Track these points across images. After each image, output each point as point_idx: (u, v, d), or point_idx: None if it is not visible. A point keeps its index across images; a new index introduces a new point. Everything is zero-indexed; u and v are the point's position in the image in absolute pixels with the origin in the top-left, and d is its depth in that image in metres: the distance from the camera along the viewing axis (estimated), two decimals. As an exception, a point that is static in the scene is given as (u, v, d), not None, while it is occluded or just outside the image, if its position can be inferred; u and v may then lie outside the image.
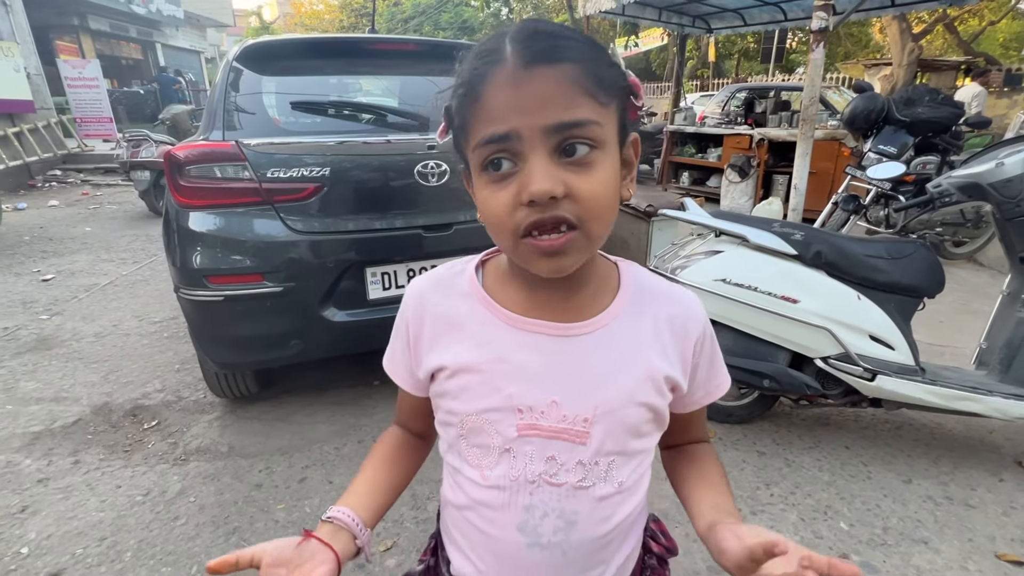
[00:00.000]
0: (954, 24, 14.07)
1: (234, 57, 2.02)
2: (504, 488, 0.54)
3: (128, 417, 2.28)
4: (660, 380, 0.55)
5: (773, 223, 1.99)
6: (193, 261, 1.79)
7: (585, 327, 0.54)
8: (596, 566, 0.56)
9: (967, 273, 4.17)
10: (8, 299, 3.62)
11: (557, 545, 0.54)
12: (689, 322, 0.57)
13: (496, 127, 0.45)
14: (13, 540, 1.63)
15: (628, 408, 0.54)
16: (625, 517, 0.57)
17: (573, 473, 0.53)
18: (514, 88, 0.44)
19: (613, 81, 0.47)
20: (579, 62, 0.45)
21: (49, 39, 12.74)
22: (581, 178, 0.45)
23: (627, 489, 0.56)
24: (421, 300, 0.58)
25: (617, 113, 0.49)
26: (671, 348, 0.56)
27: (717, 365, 0.62)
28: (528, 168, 0.45)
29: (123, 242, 5.09)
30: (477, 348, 0.54)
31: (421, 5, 25.66)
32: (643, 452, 0.57)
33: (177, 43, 18.59)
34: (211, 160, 1.76)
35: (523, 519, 0.54)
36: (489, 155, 0.46)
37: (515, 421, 0.53)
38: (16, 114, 8.18)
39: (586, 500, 0.54)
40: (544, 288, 0.53)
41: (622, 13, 6.88)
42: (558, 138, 0.45)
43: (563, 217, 0.45)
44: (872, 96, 3.69)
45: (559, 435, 0.53)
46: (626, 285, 0.57)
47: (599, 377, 0.53)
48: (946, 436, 2.15)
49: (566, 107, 0.44)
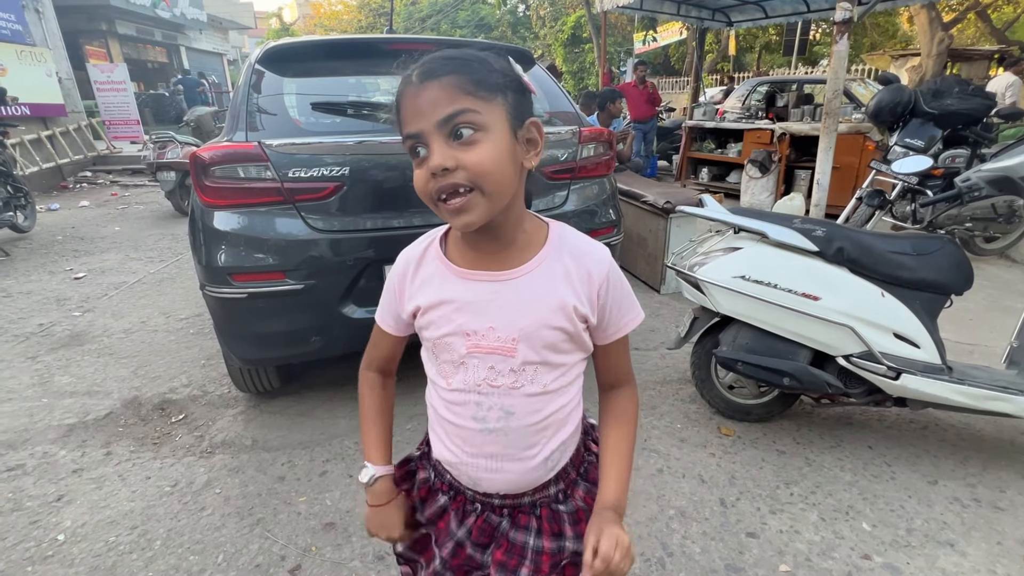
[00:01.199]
0: (987, 12, 13.58)
1: (256, 59, 2.06)
2: (461, 390, 0.74)
3: (157, 411, 2.35)
4: (570, 311, 0.72)
5: (793, 219, 1.96)
6: (218, 259, 1.83)
7: (514, 273, 0.71)
8: (532, 447, 0.75)
9: (998, 270, 4.04)
10: (43, 296, 3.75)
11: (500, 430, 0.74)
12: (593, 269, 0.73)
13: (409, 127, 0.63)
14: (50, 527, 1.70)
15: (544, 330, 0.71)
16: (553, 412, 0.75)
17: (507, 378, 0.72)
18: (414, 98, 0.62)
19: (493, 82, 0.63)
20: (457, 73, 0.61)
21: (79, 44, 13.12)
22: (467, 153, 0.61)
23: (552, 391, 0.74)
24: (405, 266, 0.78)
25: (506, 105, 0.64)
26: (580, 288, 0.73)
27: (625, 306, 0.77)
28: (430, 151, 0.62)
29: (150, 241, 5.24)
30: (438, 293, 0.74)
31: (438, 4, 25.74)
32: (564, 365, 0.75)
33: (200, 46, 18.98)
34: (235, 161, 1.80)
35: (475, 411, 0.74)
36: (411, 146, 0.64)
37: (465, 343, 0.72)
38: (48, 118, 8.45)
39: (519, 397, 0.73)
40: (483, 247, 0.72)
41: (640, 7, 6.82)
42: (448, 127, 0.61)
43: (456, 183, 0.62)
44: (898, 88, 3.60)
45: (495, 351, 0.72)
46: (551, 240, 0.74)
47: (523, 308, 0.71)
48: (974, 437, 2.10)
49: (448, 104, 0.61)
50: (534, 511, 0.80)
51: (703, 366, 2.21)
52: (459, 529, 0.80)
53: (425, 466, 0.86)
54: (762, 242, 1.96)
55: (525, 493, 0.79)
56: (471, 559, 0.80)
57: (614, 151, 2.42)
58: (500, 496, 0.79)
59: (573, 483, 0.82)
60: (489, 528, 0.80)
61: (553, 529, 0.79)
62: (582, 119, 2.35)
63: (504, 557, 0.78)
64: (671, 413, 2.27)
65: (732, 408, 2.19)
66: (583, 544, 0.71)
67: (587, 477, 0.84)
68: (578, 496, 0.82)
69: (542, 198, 2.19)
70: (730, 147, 6.75)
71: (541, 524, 0.79)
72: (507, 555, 0.78)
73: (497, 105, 0.63)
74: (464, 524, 0.80)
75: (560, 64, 19.73)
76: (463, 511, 0.81)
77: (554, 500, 0.80)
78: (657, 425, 2.19)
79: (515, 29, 23.83)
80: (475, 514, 0.80)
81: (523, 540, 0.79)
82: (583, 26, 15.44)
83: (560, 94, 2.42)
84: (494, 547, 0.80)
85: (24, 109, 7.80)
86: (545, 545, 0.79)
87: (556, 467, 0.79)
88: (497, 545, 0.79)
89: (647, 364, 2.70)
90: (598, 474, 0.80)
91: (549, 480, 0.79)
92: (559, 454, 0.78)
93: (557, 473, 0.79)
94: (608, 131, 2.42)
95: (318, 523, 1.70)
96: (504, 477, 0.76)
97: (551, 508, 0.80)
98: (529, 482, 0.78)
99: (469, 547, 0.80)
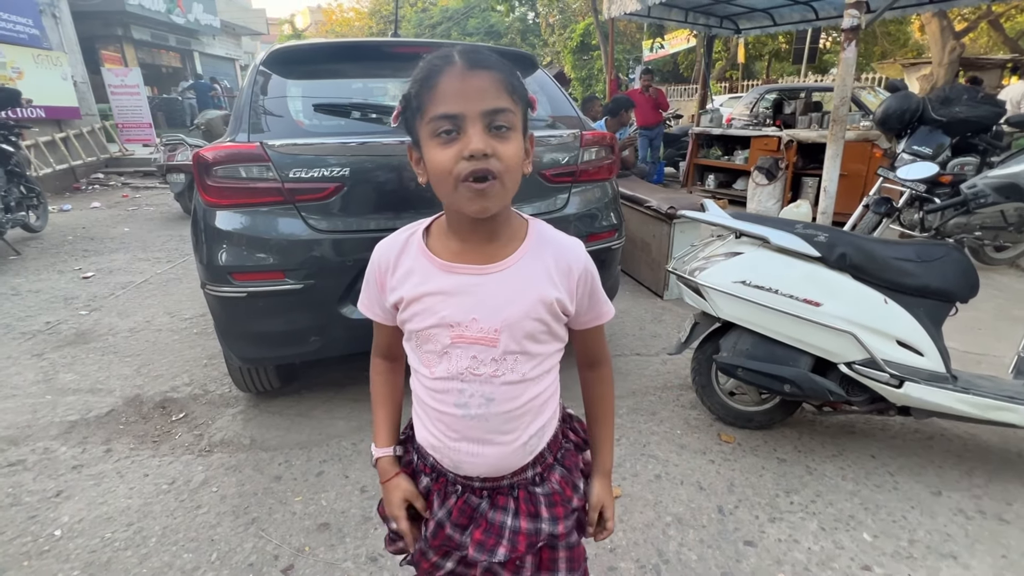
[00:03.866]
0: (999, 20, 13.48)
1: (261, 62, 2.09)
2: (444, 379, 0.77)
3: (158, 409, 2.37)
4: (551, 302, 0.76)
5: (796, 224, 1.94)
6: (219, 258, 1.85)
7: (496, 267, 0.75)
8: (511, 432, 0.79)
9: (1009, 279, 3.98)
10: (51, 295, 3.80)
11: (481, 415, 0.77)
12: (572, 263, 0.78)
13: (448, 107, 0.65)
14: (48, 523, 1.71)
15: (524, 322, 0.75)
16: (531, 399, 0.79)
17: (488, 367, 0.76)
18: (460, 81, 0.65)
19: (522, 90, 0.70)
20: (502, 72, 0.67)
21: (95, 49, 13.37)
22: (502, 145, 0.66)
23: (530, 379, 0.78)
24: (386, 256, 0.80)
25: (521, 113, 0.70)
26: (559, 280, 0.77)
27: (597, 298, 0.82)
28: (468, 135, 0.65)
29: (159, 242, 5.29)
30: (421, 286, 0.76)
31: (449, 10, 25.97)
32: (541, 355, 0.79)
33: (214, 51, 19.26)
34: (237, 161, 1.82)
35: (457, 398, 0.77)
36: (441, 126, 0.66)
37: (449, 334, 0.75)
38: (63, 120, 8.59)
39: (499, 385, 0.76)
40: (469, 240, 0.75)
41: (647, 15, 6.84)
42: (488, 119, 0.66)
43: (489, 169, 0.65)
44: (906, 95, 3.57)
45: (478, 341, 0.75)
46: (530, 236, 0.78)
47: (505, 301, 0.74)
48: (981, 448, 2.06)
49: (495, 98, 0.66)
50: (512, 493, 0.83)
51: (704, 372, 2.19)
52: (440, 509, 0.83)
53: (409, 449, 0.90)
54: (764, 247, 1.95)
55: (504, 476, 0.82)
56: (450, 539, 0.83)
57: (616, 155, 2.42)
58: (480, 479, 0.82)
59: (550, 467, 0.86)
60: (469, 509, 0.83)
61: (530, 510, 0.82)
62: (584, 123, 2.35)
63: (482, 536, 0.81)
64: (671, 419, 2.25)
65: (733, 415, 2.17)
66: (588, 502, 0.84)
67: (563, 462, 0.88)
68: (554, 480, 0.85)
69: (543, 201, 2.19)
70: (737, 154, 6.72)
71: (519, 506, 0.82)
72: (485, 534, 0.81)
73: (520, 112, 0.70)
74: (445, 505, 0.83)
75: (569, 71, 19.79)
76: (444, 492, 0.84)
77: (531, 483, 0.84)
78: (657, 431, 2.17)
79: (524, 36, 23.97)
80: (456, 495, 0.83)
81: (501, 520, 0.82)
82: (592, 33, 15.49)
83: (563, 98, 2.42)
84: (473, 527, 0.82)
85: (39, 111, 7.93)
86: (522, 525, 0.81)
87: (534, 451, 0.82)
88: (476, 525, 0.82)
89: (648, 370, 2.68)
90: (589, 446, 0.91)
91: (527, 464, 0.82)
92: (537, 439, 0.82)
93: (535, 457, 0.83)
94: (610, 135, 2.41)
95: (312, 523, 1.70)
96: (484, 461, 0.79)
97: (528, 490, 0.83)
98: (508, 466, 0.81)
99: (449, 527, 0.83)
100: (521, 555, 0.82)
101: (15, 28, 7.80)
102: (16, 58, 7.73)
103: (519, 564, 0.84)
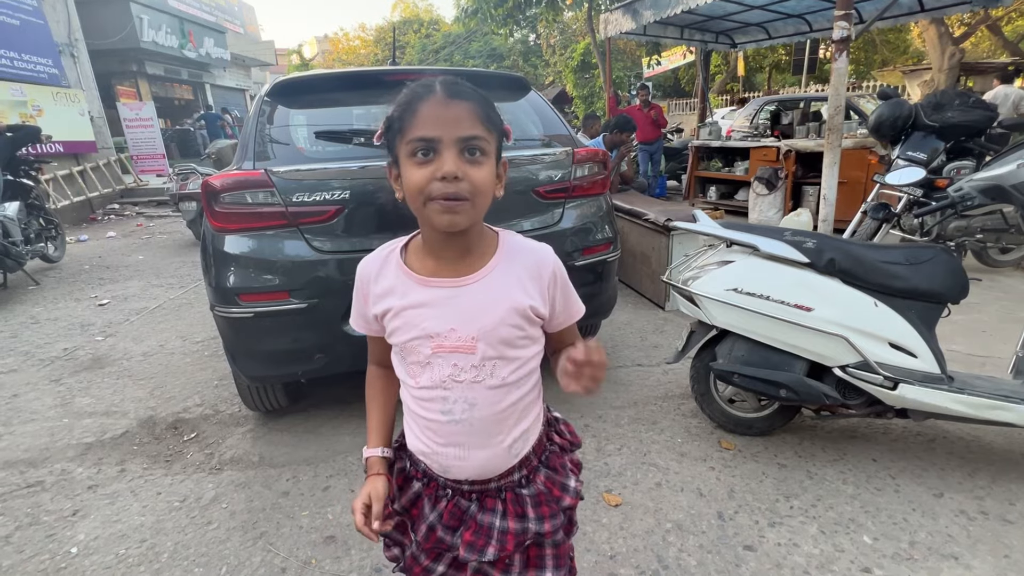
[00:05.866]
0: (998, 25, 13.52)
1: (265, 93, 2.20)
2: (429, 387, 0.81)
3: (170, 430, 2.43)
4: (525, 308, 0.80)
5: (785, 232, 1.98)
6: (227, 281, 1.93)
7: (471, 279, 0.79)
8: (495, 435, 0.83)
9: (1014, 281, 3.96)
10: (69, 322, 3.92)
11: (466, 420, 0.81)
12: (542, 267, 0.83)
13: (426, 131, 0.71)
14: (64, 540, 1.76)
15: (500, 328, 0.79)
16: (512, 403, 0.83)
17: (468, 373, 0.80)
18: (439, 108, 0.71)
19: (497, 121, 0.76)
20: (479, 103, 0.73)
21: (111, 85, 13.84)
22: (474, 169, 0.72)
23: (510, 383, 0.82)
24: (368, 272, 0.85)
25: (495, 141, 0.76)
26: (531, 286, 0.82)
27: (569, 298, 0.87)
28: (443, 158, 0.71)
29: (171, 268, 5.43)
30: (400, 300, 0.81)
31: (452, 35, 26.56)
32: (519, 359, 0.82)
33: (224, 83, 19.82)
34: (243, 187, 1.90)
35: (442, 405, 0.81)
36: (419, 147, 0.72)
37: (429, 344, 0.79)
38: (80, 154, 8.90)
39: (481, 390, 0.80)
40: (443, 256, 0.80)
41: (643, 33, 6.99)
42: (463, 144, 0.72)
43: (460, 191, 0.71)
44: (898, 103, 3.61)
45: (457, 350, 0.79)
46: (501, 247, 0.82)
47: (480, 310, 0.79)
48: (984, 449, 2.05)
49: (470, 126, 0.72)
50: (500, 495, 0.87)
51: (702, 380, 2.21)
52: (431, 513, 0.87)
53: (402, 457, 0.94)
54: (754, 255, 1.99)
55: (491, 479, 0.85)
56: (441, 541, 0.87)
57: (608, 171, 2.49)
58: (469, 482, 0.85)
59: (535, 469, 0.89)
60: (459, 512, 0.86)
61: (517, 511, 0.86)
62: (576, 140, 2.43)
63: (472, 537, 0.85)
64: (672, 428, 2.27)
65: (733, 422, 2.19)
66: (562, 377, 0.78)
67: (548, 464, 0.91)
68: (539, 481, 0.89)
69: (538, 216, 2.26)
70: (737, 165, 6.78)
71: (506, 507, 0.86)
72: (475, 536, 0.85)
73: (494, 140, 0.76)
74: (436, 508, 0.87)
75: (571, 90, 20.11)
76: (435, 496, 0.88)
77: (518, 485, 0.87)
78: (657, 440, 2.19)
79: (527, 57, 24.42)
80: (446, 499, 0.87)
81: (490, 522, 0.85)
82: (592, 52, 15.79)
83: (555, 118, 2.50)
84: (463, 529, 0.86)
85: (58, 147, 8.24)
86: (510, 526, 0.85)
87: (519, 455, 0.86)
88: (466, 527, 0.86)
89: (649, 380, 2.70)
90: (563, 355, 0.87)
91: (513, 467, 0.86)
92: (521, 443, 0.86)
93: (520, 460, 0.86)
94: (603, 152, 2.49)
95: (319, 536, 1.74)
96: (471, 464, 0.83)
97: (515, 492, 0.87)
98: (494, 468, 0.85)
99: (440, 530, 0.86)
100: (510, 554, 0.85)
101: (36, 68, 8.16)
102: (37, 96, 8.07)
103: (508, 562, 0.88)
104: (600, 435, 2.24)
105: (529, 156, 2.27)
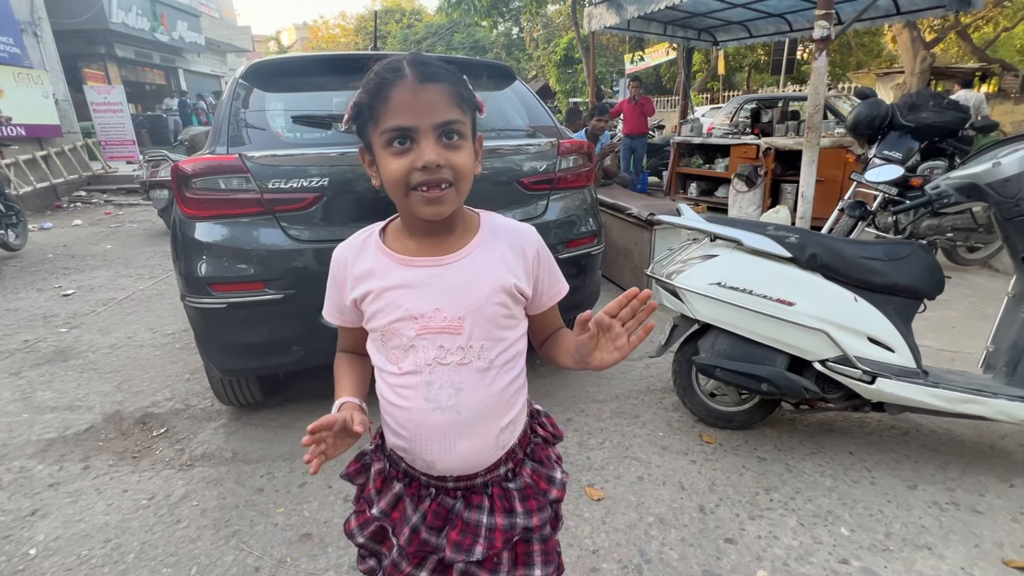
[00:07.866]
0: (967, 31, 13.94)
1: (240, 75, 2.11)
2: (412, 373, 0.77)
3: (138, 425, 2.34)
4: (510, 287, 0.79)
5: (768, 226, 1.99)
6: (198, 270, 1.85)
7: (454, 258, 0.77)
8: (483, 423, 0.79)
9: (981, 279, 4.09)
10: (30, 313, 3.75)
11: (452, 407, 0.77)
12: (526, 246, 0.82)
13: (400, 120, 0.68)
14: (22, 542, 1.68)
15: (486, 307, 0.77)
16: (502, 388, 0.80)
17: (455, 355, 0.76)
18: (412, 95, 0.67)
19: (469, 98, 0.73)
20: (452, 84, 0.70)
21: (78, 67, 13.30)
22: (454, 154, 0.70)
23: (498, 366, 0.79)
24: (344, 260, 0.82)
25: (470, 119, 0.74)
26: (515, 265, 0.80)
27: (554, 276, 0.87)
28: (422, 147, 0.68)
29: (141, 258, 5.25)
30: (381, 281, 0.77)
31: (434, 26, 26.25)
32: (506, 340, 0.80)
33: (198, 68, 19.25)
34: (215, 172, 1.83)
35: (427, 391, 0.77)
36: (395, 136, 0.69)
37: (413, 326, 0.76)
38: (44, 138, 8.53)
39: (468, 372, 0.77)
40: (425, 236, 0.78)
41: (627, 28, 6.98)
42: (440, 130, 0.69)
43: (443, 178, 0.70)
44: (875, 102, 3.67)
45: (443, 330, 0.76)
46: (483, 226, 0.81)
47: (465, 289, 0.76)
48: (955, 442, 2.10)
49: (446, 110, 0.69)
50: (486, 491, 0.83)
51: (684, 374, 2.21)
52: (414, 514, 0.83)
53: (380, 457, 0.89)
54: (737, 249, 1.99)
55: (478, 474, 0.82)
56: (426, 543, 0.82)
57: (594, 163, 2.47)
58: (454, 478, 0.81)
59: (520, 462, 0.87)
60: (443, 511, 0.82)
61: (505, 506, 0.83)
62: (561, 132, 2.40)
63: (459, 536, 0.81)
64: (654, 421, 2.27)
65: (714, 415, 2.20)
66: (584, 349, 0.75)
67: (533, 456, 0.89)
68: (526, 474, 0.86)
69: (522, 208, 2.22)
70: (718, 162, 6.84)
71: (493, 502, 0.82)
72: (462, 534, 0.81)
73: (469, 119, 0.73)
74: (419, 509, 0.83)
75: (554, 84, 20.08)
76: (418, 496, 0.83)
77: (504, 479, 0.84)
78: (639, 434, 2.19)
79: (509, 51, 24.30)
80: (429, 498, 0.83)
81: (476, 519, 0.82)
82: (576, 47, 15.77)
83: (540, 108, 2.47)
84: (449, 528, 0.82)
85: (20, 130, 7.88)
86: (498, 522, 0.82)
87: (507, 446, 0.83)
88: (452, 526, 0.82)
89: (632, 374, 2.70)
90: (561, 355, 0.87)
91: (500, 459, 0.83)
92: (509, 433, 0.83)
93: (506, 453, 0.84)
94: (588, 144, 2.46)
95: (295, 534, 1.69)
96: (457, 456, 0.79)
97: (502, 487, 0.84)
98: (481, 460, 0.81)
99: (424, 531, 0.82)
100: (498, 551, 0.82)
101: (-5, 47, 7.76)
102: (-4, 76, 7.68)
103: (496, 561, 0.84)
104: (582, 429, 2.23)
105: (514, 146, 2.24)
